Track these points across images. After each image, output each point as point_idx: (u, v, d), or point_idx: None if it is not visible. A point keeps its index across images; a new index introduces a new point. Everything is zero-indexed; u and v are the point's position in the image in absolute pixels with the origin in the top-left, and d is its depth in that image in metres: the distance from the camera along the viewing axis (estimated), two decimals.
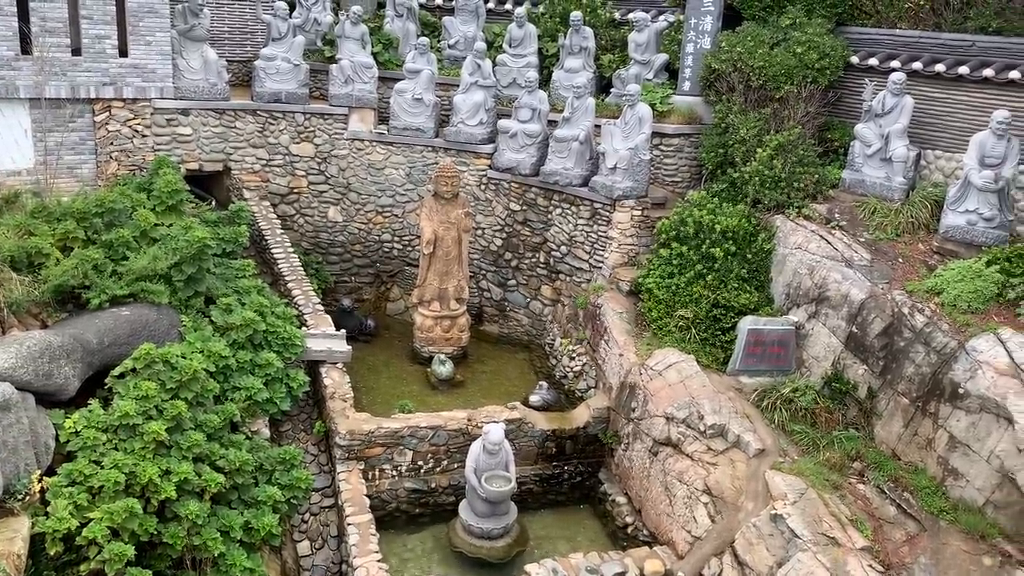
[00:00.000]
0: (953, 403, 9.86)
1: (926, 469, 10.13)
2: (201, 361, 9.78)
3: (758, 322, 11.60)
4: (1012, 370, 9.57)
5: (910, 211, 11.88)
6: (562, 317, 14.24)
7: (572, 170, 13.82)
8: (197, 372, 9.56)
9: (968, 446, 9.71)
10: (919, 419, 10.24)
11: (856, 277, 11.18)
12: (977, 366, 9.71)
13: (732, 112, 13.26)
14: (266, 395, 10.54)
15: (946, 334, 10.12)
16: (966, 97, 12.14)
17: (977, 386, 9.63)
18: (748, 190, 12.73)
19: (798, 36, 12.97)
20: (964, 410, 9.76)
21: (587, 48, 15.31)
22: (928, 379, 10.15)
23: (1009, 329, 9.94)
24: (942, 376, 10.00)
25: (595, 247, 13.75)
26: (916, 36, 12.75)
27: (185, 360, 9.64)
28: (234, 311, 10.85)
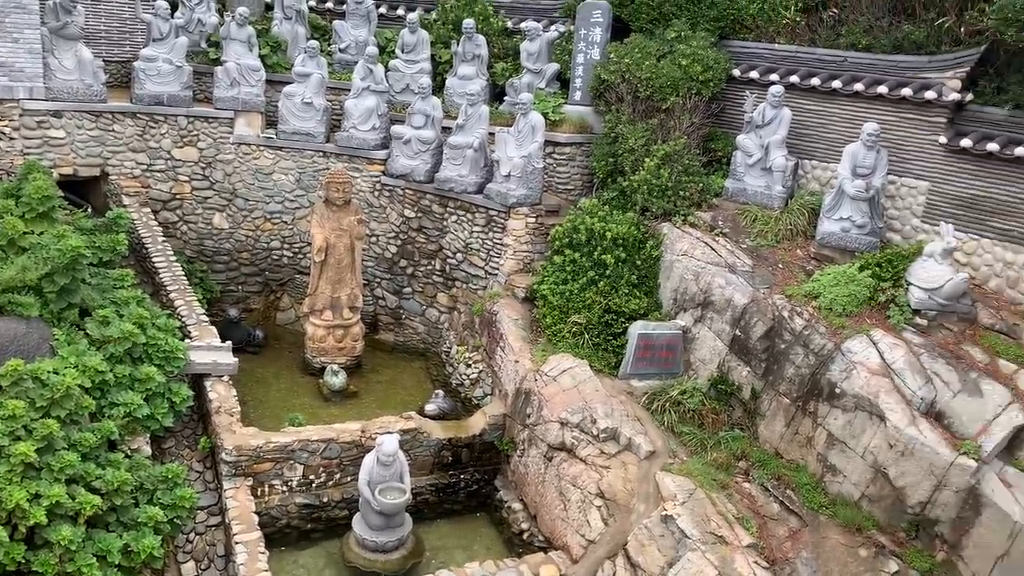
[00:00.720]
0: (831, 402, 10.33)
1: (807, 466, 10.57)
2: (75, 377, 9.26)
3: (648, 327, 11.86)
4: (883, 370, 10.10)
5: (789, 218, 12.40)
6: (458, 324, 14.20)
7: (467, 177, 13.81)
8: (70, 388, 9.05)
9: (845, 443, 10.19)
10: (800, 418, 10.68)
11: (739, 282, 11.58)
12: (852, 367, 10.21)
13: (621, 122, 13.54)
14: (147, 411, 10.07)
15: (823, 336, 10.60)
16: (839, 110, 12.77)
17: (852, 386, 10.12)
18: (637, 198, 13.01)
19: (683, 49, 13.36)
20: (841, 409, 10.24)
21: (480, 56, 15.35)
22: (807, 380, 10.60)
23: (880, 331, 10.50)
24: (820, 377, 10.47)
25: (491, 254, 13.77)
26: (793, 51, 13.33)
27: (57, 376, 9.11)
28: (112, 323, 10.33)
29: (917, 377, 9.95)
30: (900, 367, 10.04)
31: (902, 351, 10.18)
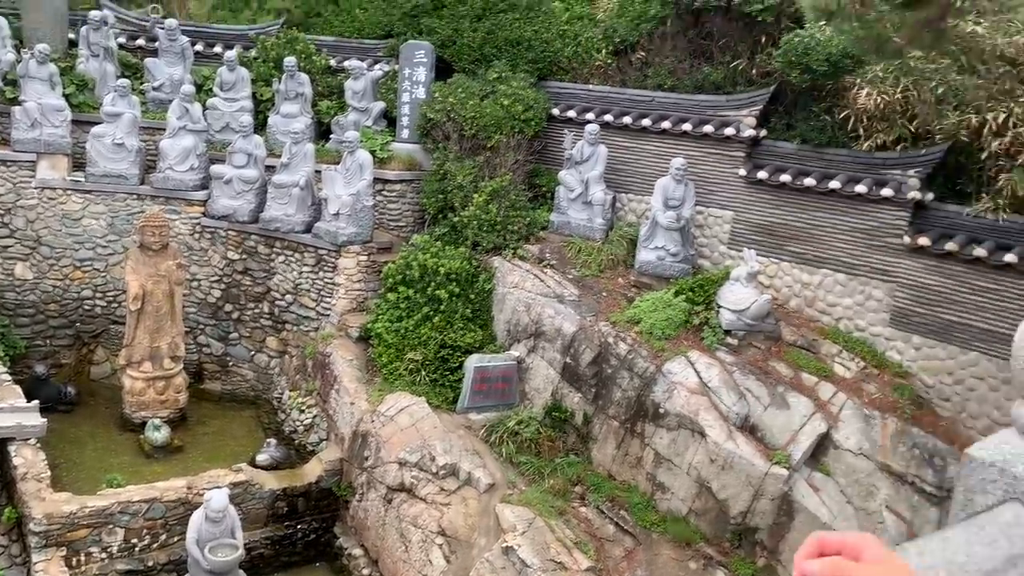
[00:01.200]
0: (656, 422, 10.85)
1: (638, 486, 11.02)
2: None
3: (483, 360, 12.03)
4: (701, 388, 10.74)
5: (610, 249, 13.00)
6: (290, 369, 13.81)
7: (294, 216, 13.55)
8: None
9: (671, 461, 10.72)
10: (629, 440, 11.14)
11: (567, 312, 11.99)
12: (673, 387, 10.78)
13: (449, 159, 13.76)
14: None
15: (646, 360, 11.14)
16: (650, 146, 13.58)
17: (674, 405, 10.69)
18: (468, 233, 13.23)
19: (504, 89, 13.79)
20: (665, 428, 10.77)
21: (304, 94, 15.16)
22: (634, 402, 11.09)
23: (697, 352, 11.16)
24: (645, 398, 10.98)
25: (322, 294, 13.53)
26: (606, 91, 14.07)
27: None
28: None
29: (731, 394, 10.64)
30: (716, 385, 10.71)
31: (717, 370, 10.87)
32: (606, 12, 14.60)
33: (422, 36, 15.04)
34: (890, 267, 11.27)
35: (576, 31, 14.59)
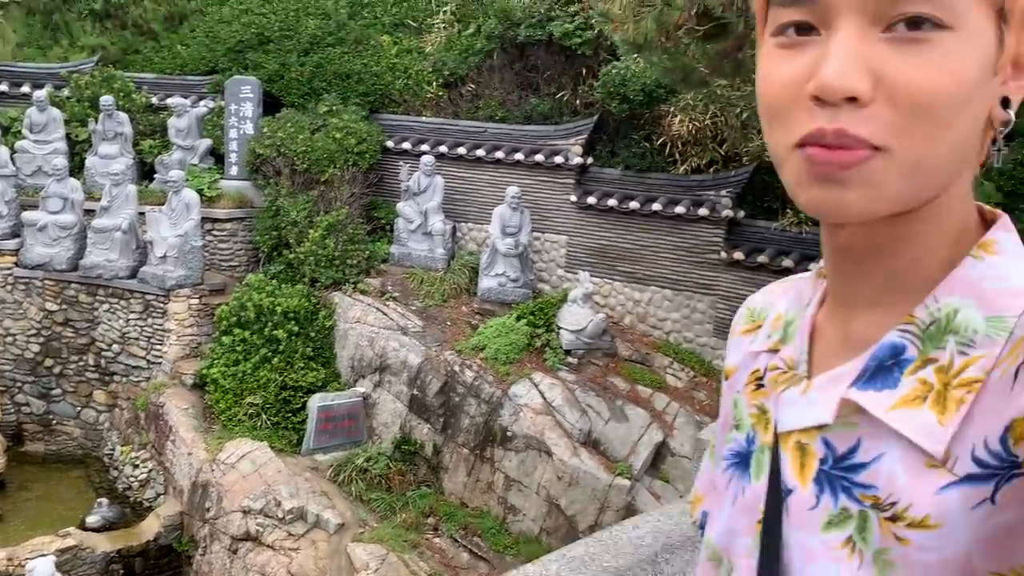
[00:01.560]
0: (504, 446, 11.01)
1: (490, 511, 11.12)
2: None
3: (327, 398, 11.81)
4: (546, 409, 11.00)
5: (452, 278, 13.13)
6: (121, 423, 13.02)
7: (117, 262, 12.87)
8: None
9: (521, 482, 10.89)
10: (479, 466, 11.24)
11: (412, 343, 11.99)
12: (519, 409, 10.99)
13: (282, 195, 13.50)
14: None
15: (492, 385, 11.30)
16: (486, 175, 13.87)
17: (521, 427, 10.89)
18: (305, 270, 13.00)
19: (336, 122, 13.71)
20: (514, 450, 10.95)
21: (123, 134, 14.47)
22: (482, 428, 11.21)
23: (540, 373, 11.44)
24: (493, 423, 11.12)
25: (152, 342, 12.88)
26: (440, 123, 14.28)
27: None
28: None
29: (574, 411, 10.97)
30: (559, 404, 11.01)
31: (560, 389, 11.17)
32: (434, 46, 14.84)
33: (248, 71, 14.73)
34: (710, 281, 12.01)
35: (406, 64, 14.73)
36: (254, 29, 15.14)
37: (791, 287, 1.07)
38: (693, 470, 10.68)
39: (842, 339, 0.91)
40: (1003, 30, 0.79)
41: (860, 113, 0.76)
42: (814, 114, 0.78)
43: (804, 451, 0.87)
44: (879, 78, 0.76)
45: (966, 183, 0.85)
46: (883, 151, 0.77)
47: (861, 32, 0.76)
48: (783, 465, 0.89)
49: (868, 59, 0.76)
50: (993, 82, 0.80)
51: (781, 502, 0.89)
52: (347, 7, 15.58)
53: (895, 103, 0.76)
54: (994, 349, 0.77)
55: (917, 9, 0.75)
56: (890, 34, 0.76)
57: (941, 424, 0.77)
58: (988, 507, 0.75)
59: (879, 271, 0.87)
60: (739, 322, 1.13)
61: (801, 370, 0.94)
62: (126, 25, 17.31)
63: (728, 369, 1.12)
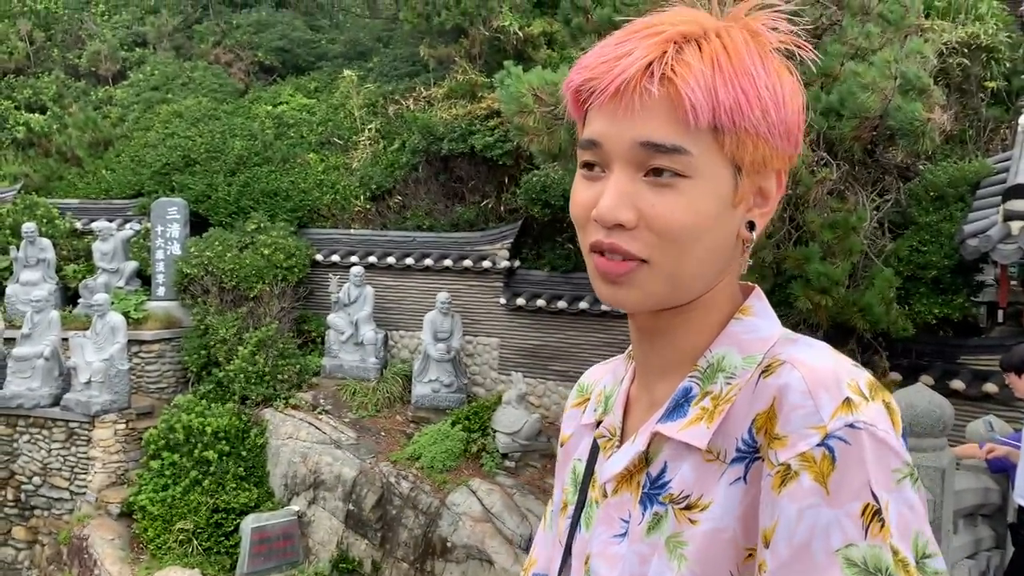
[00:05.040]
0: (445, 557, 10.78)
1: None
2: None
3: (260, 519, 11.46)
4: (485, 515, 10.87)
5: (386, 387, 13.08)
6: (42, 560, 12.36)
7: (39, 390, 12.49)
8: None
9: None
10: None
11: (346, 456, 11.81)
12: (457, 518, 10.83)
13: (210, 313, 13.41)
14: None
15: (429, 495, 11.15)
16: (417, 283, 14.04)
17: (461, 537, 10.71)
18: (235, 387, 12.81)
19: (264, 239, 13.81)
20: (455, 562, 10.72)
21: (46, 259, 14.30)
22: (421, 540, 10.99)
23: (477, 479, 11.34)
24: (432, 534, 10.92)
25: (76, 471, 12.39)
26: (368, 234, 14.51)
27: None
28: None
29: (514, 516, 10.86)
30: (498, 510, 10.89)
31: (498, 495, 11.08)
32: (360, 161, 15.23)
33: (175, 193, 14.84)
34: None
35: (333, 180, 15.04)
36: (180, 152, 15.33)
37: (611, 366, 1.33)
38: None
39: (648, 403, 1.16)
40: (737, 177, 1.04)
41: (628, 233, 1.02)
42: (598, 230, 1.04)
43: (631, 483, 1.11)
44: (640, 210, 1.01)
45: (730, 281, 1.12)
46: (647, 263, 1.03)
47: (628, 175, 1.02)
48: (614, 501, 1.13)
49: (632, 196, 1.02)
50: (735, 212, 1.06)
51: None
52: (273, 128, 15.96)
53: (652, 229, 1.01)
54: (747, 376, 1.04)
55: (659, 163, 1.01)
56: (648, 179, 1.02)
57: (708, 428, 1.04)
58: (742, 485, 1.00)
59: (668, 347, 1.13)
60: (572, 398, 1.40)
61: (617, 436, 1.18)
62: (50, 153, 17.35)
63: (563, 438, 1.35)
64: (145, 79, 18.39)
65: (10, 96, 18.37)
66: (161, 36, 19.90)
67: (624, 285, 1.04)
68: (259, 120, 16.19)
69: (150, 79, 18.36)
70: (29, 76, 19.11)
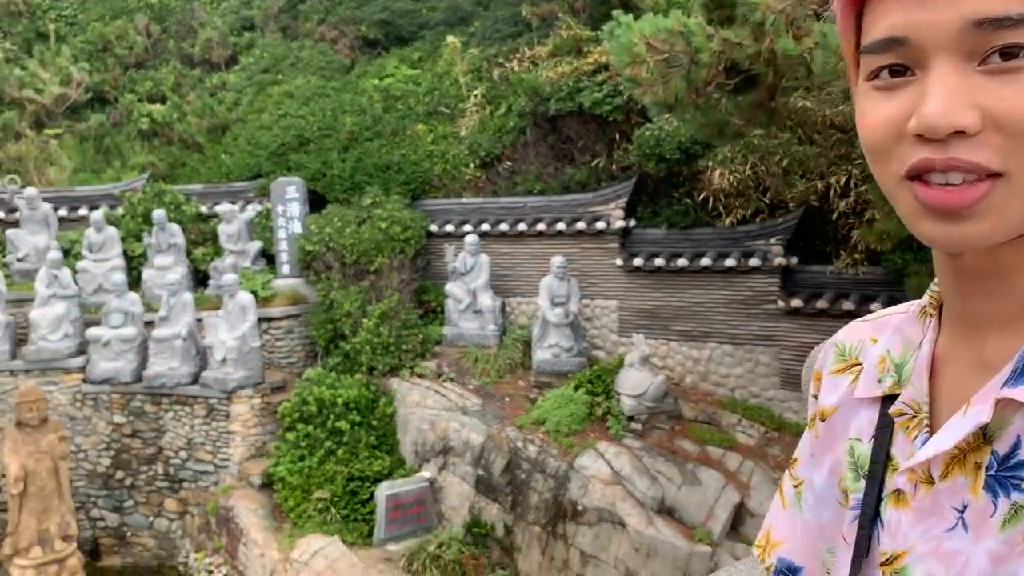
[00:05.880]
0: (576, 521, 10.75)
1: None
2: None
3: (394, 486, 11.72)
4: (614, 478, 10.75)
5: (506, 354, 13.10)
6: (193, 529, 13.07)
7: (179, 369, 13.13)
8: None
9: (597, 557, 10.58)
10: (552, 543, 10.97)
11: (473, 423, 11.91)
12: (587, 481, 10.76)
13: (333, 288, 13.73)
14: None
15: (556, 458, 11.12)
16: (529, 249, 13.95)
17: (591, 500, 10.64)
18: (362, 359, 13.11)
19: (380, 213, 14.00)
20: (586, 524, 10.67)
21: (177, 244, 14.95)
22: (551, 503, 10.98)
23: (604, 442, 11.23)
24: (562, 498, 10.89)
25: (218, 445, 13.00)
26: (480, 203, 14.49)
27: None
28: None
29: (644, 479, 10.70)
30: (628, 472, 10.76)
31: (626, 457, 10.94)
32: (468, 129, 15.18)
33: (291, 172, 15.20)
34: (771, 332, 11.78)
35: (443, 150, 15.07)
36: (293, 131, 15.67)
37: (884, 325, 1.07)
38: None
39: (975, 365, 0.91)
40: None
41: (970, 142, 0.78)
42: (918, 148, 0.80)
43: (964, 465, 0.88)
44: (984, 108, 0.77)
45: None
46: (1002, 177, 0.78)
47: (956, 68, 0.79)
48: (943, 488, 0.89)
49: (969, 92, 0.78)
50: None
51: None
52: (381, 101, 16.09)
53: (1003, 130, 0.77)
54: None
55: (1010, 39, 0.76)
56: (986, 66, 0.78)
57: None
58: None
59: (1008, 291, 0.87)
60: (829, 361, 1.12)
61: (924, 412, 0.94)
62: (172, 141, 18.09)
63: (825, 410, 1.09)
64: (255, 62, 18.88)
65: (133, 89, 19.21)
66: (267, 18, 20.35)
67: (971, 216, 0.80)
68: (367, 95, 16.36)
69: (260, 62, 18.83)
70: (148, 69, 19.92)
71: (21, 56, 19.33)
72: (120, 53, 19.84)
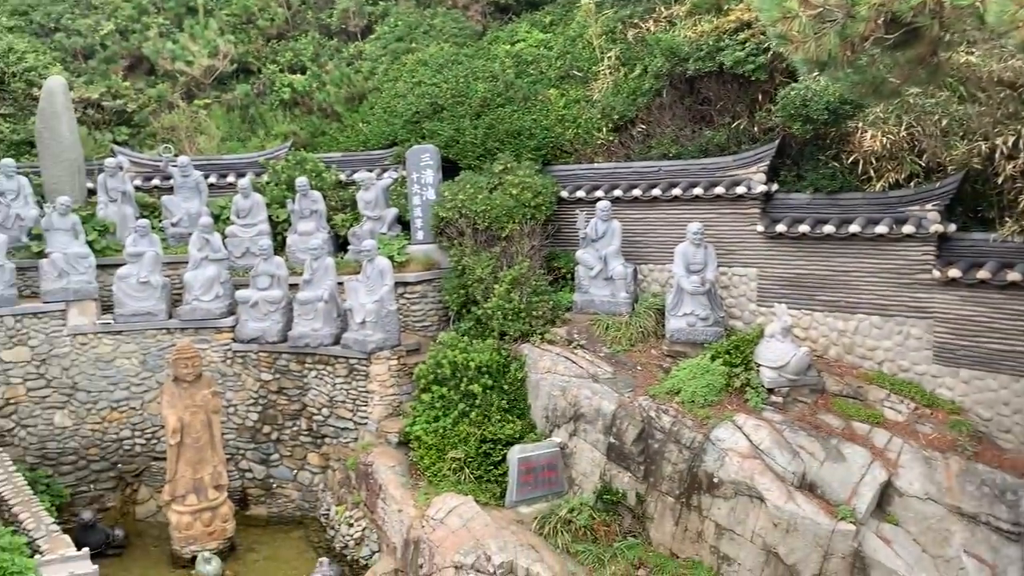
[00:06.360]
0: (711, 493, 10.55)
1: (702, 561, 10.64)
2: None
3: (526, 450, 11.83)
4: (753, 452, 10.47)
5: (638, 322, 12.90)
6: (334, 483, 13.65)
7: (321, 330, 13.64)
8: None
9: (733, 531, 10.37)
10: (686, 515, 10.82)
11: (604, 390, 11.83)
12: (723, 454, 10.52)
13: (466, 254, 13.88)
14: None
15: (691, 429, 10.91)
16: (664, 214, 13.64)
17: (728, 473, 10.40)
18: (493, 324, 13.23)
19: (512, 179, 14.00)
20: (722, 497, 10.46)
21: (318, 211, 15.47)
22: (686, 475, 10.81)
23: (742, 415, 10.93)
24: (697, 469, 10.70)
25: (357, 404, 13.49)
26: (612, 167, 14.25)
27: None
28: None
29: (785, 453, 10.36)
30: (767, 446, 10.44)
31: (766, 431, 10.61)
32: (601, 92, 14.91)
33: (425, 140, 15.40)
34: (924, 303, 11.10)
35: (575, 114, 14.88)
36: (427, 99, 15.85)
37: None
38: (927, 511, 9.76)
39: None
40: None
41: None
42: None
43: None
44: None
45: None
46: None
47: None
48: None
49: None
50: None
51: None
52: (513, 67, 16.01)
53: None
54: None
55: None
56: None
57: None
58: None
59: None
60: None
61: None
62: (312, 110, 18.65)
63: None
64: (390, 31, 19.14)
65: (275, 60, 19.88)
66: None
67: None
68: (499, 61, 16.31)
69: (394, 31, 19.08)
70: (289, 40, 20.54)
71: (173, 30, 20.34)
72: (262, 25, 20.54)
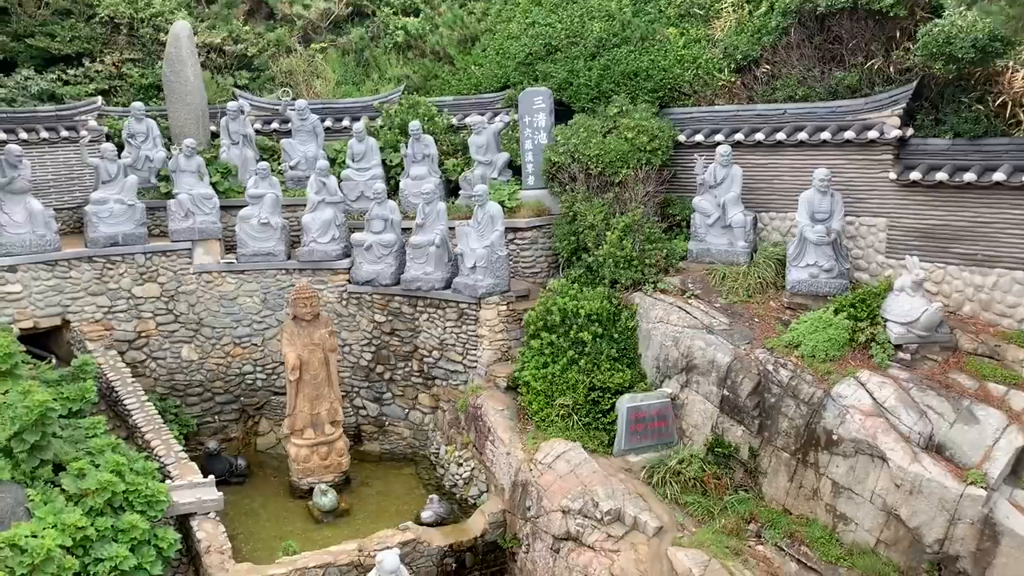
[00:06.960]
0: (830, 450, 10.19)
1: (817, 519, 10.35)
2: (55, 537, 8.84)
3: (635, 399, 11.71)
4: (876, 410, 10.02)
5: (757, 272, 12.46)
6: (444, 424, 13.93)
7: (433, 274, 13.79)
8: (51, 551, 8.62)
9: (851, 490, 10.01)
10: (802, 471, 10.51)
11: (719, 342, 11.53)
12: (844, 411, 10.12)
13: (577, 200, 13.67)
14: (133, 562, 9.59)
15: (811, 384, 10.53)
16: (787, 160, 13.03)
17: (848, 430, 10.01)
18: (604, 272, 13.04)
19: (627, 122, 13.63)
20: (841, 455, 10.09)
21: (430, 155, 15.52)
22: (803, 430, 10.47)
23: (866, 371, 10.46)
24: (815, 425, 10.35)
25: (467, 347, 13.63)
26: (734, 110, 13.66)
27: (36, 539, 8.68)
28: (88, 475, 9.93)
29: (911, 412, 9.88)
30: (892, 404, 9.97)
31: (891, 388, 10.13)
32: (724, 31, 14.26)
33: (538, 82, 15.15)
34: None
35: (695, 54, 14.30)
36: (541, 40, 15.54)
37: None
38: None
39: None
40: None
41: None
42: None
43: None
44: None
45: None
46: None
47: None
48: None
49: None
50: None
51: None
52: (631, 5, 15.46)
53: None
54: None
55: None
56: None
57: None
58: None
59: None
60: None
61: None
62: (425, 53, 18.62)
63: None
64: None
65: (388, 3, 19.88)
66: None
67: None
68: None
69: None
70: None
71: None
72: None
